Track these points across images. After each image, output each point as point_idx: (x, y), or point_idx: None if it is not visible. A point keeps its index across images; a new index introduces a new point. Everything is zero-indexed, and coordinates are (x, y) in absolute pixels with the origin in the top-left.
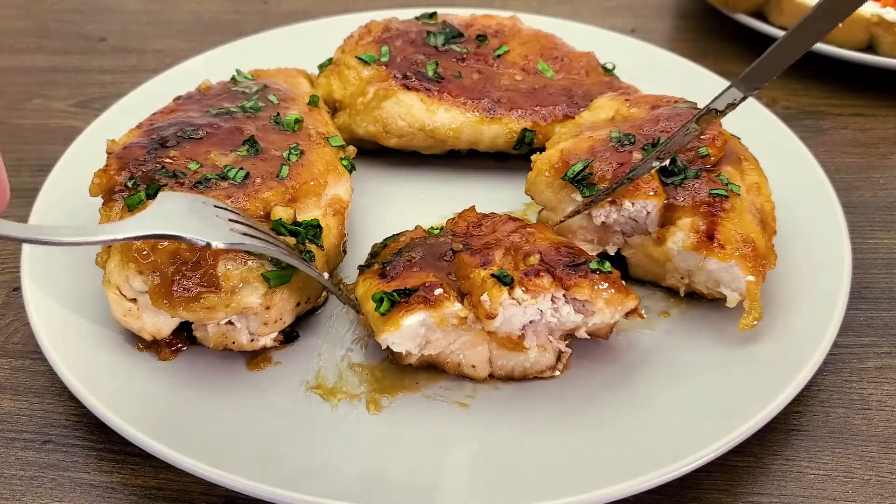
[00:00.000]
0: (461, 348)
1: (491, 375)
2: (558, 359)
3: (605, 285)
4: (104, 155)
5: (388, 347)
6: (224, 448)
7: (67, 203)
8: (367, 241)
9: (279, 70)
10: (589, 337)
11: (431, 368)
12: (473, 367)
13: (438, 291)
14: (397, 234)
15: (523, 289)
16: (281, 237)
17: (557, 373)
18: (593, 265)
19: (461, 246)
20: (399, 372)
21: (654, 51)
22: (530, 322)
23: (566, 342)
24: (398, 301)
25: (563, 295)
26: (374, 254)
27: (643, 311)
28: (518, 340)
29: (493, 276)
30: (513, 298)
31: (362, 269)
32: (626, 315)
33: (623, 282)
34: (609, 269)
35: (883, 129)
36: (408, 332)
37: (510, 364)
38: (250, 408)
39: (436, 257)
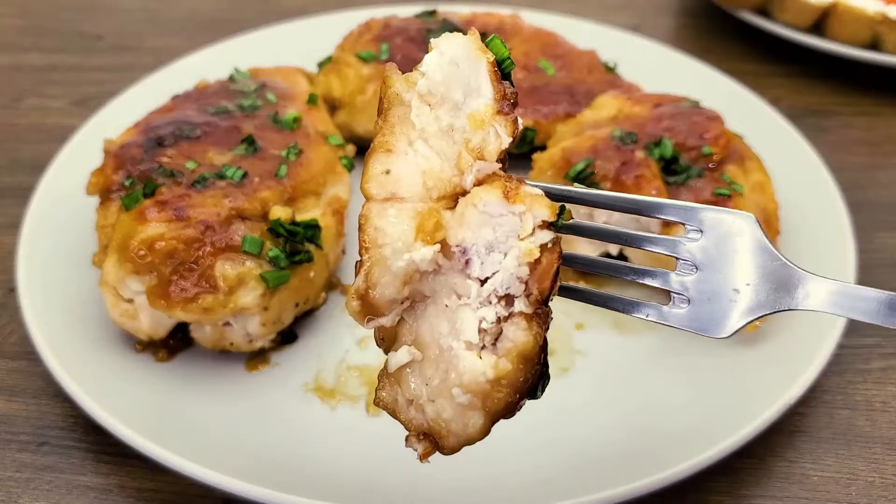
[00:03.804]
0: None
1: None
2: None
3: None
4: (101, 154)
5: None
6: (222, 450)
7: (63, 202)
8: None
9: (277, 68)
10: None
11: None
12: None
13: None
14: None
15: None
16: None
17: None
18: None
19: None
20: None
21: (657, 48)
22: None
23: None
24: None
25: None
26: None
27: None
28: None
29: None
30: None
31: None
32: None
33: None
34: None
35: (888, 129)
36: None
37: None
38: (248, 410)
39: None
